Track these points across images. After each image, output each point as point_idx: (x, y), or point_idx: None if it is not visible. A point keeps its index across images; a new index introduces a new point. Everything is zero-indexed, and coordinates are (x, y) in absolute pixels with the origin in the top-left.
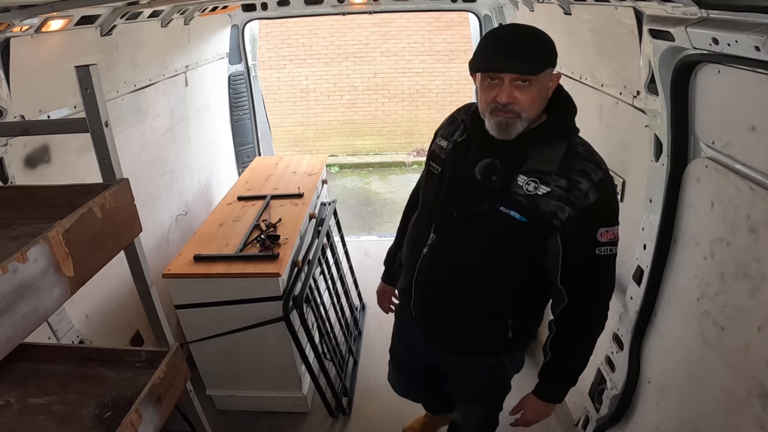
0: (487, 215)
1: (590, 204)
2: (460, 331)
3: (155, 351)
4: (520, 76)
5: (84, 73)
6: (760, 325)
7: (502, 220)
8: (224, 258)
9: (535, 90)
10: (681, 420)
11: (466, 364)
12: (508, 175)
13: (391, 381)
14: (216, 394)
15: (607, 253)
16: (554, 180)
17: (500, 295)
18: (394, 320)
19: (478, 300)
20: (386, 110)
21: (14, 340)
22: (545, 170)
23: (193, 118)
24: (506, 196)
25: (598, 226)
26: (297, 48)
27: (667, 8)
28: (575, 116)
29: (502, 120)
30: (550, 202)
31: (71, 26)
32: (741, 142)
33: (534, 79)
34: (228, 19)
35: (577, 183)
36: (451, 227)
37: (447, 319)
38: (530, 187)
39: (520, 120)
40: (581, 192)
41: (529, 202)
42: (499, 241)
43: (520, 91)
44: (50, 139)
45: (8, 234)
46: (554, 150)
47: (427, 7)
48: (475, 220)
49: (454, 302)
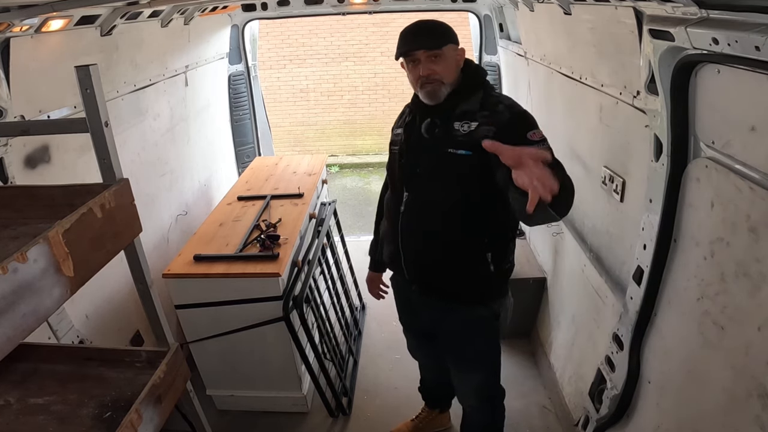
0: (441, 160)
1: (508, 118)
2: (449, 275)
3: (155, 351)
4: (430, 52)
5: (84, 73)
6: (760, 325)
7: (454, 159)
8: (224, 258)
9: (445, 61)
10: (681, 420)
11: (460, 318)
12: (446, 125)
13: (409, 348)
14: (216, 394)
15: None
16: (480, 115)
17: (473, 229)
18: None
19: (457, 240)
20: (386, 110)
21: (14, 340)
22: (471, 110)
23: (193, 118)
24: (450, 140)
25: (523, 131)
26: (297, 48)
27: (667, 8)
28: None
29: (430, 89)
30: (480, 129)
31: (71, 26)
32: (741, 142)
33: (440, 53)
34: (228, 19)
35: (495, 108)
36: (419, 181)
37: (435, 266)
38: (464, 127)
39: (443, 85)
40: (499, 112)
41: (467, 138)
42: (458, 178)
43: (434, 64)
44: (50, 139)
45: (8, 234)
46: (474, 96)
47: (427, 7)
48: (434, 167)
49: (438, 247)
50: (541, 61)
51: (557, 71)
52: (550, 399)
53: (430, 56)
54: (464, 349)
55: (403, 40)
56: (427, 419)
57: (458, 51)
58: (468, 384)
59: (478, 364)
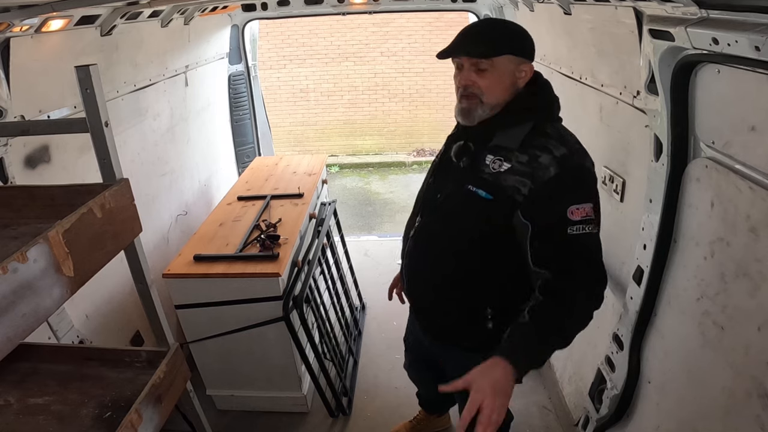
0: (457, 195)
1: (551, 177)
2: (441, 318)
3: (155, 351)
4: (476, 61)
5: (84, 73)
6: (760, 325)
7: (471, 199)
8: (224, 258)
9: (494, 75)
10: (681, 420)
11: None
12: (477, 154)
13: (405, 366)
14: (216, 394)
15: (582, 232)
16: (516, 156)
17: (476, 280)
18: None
19: (455, 284)
20: (386, 110)
21: (14, 340)
22: (508, 147)
23: (193, 118)
24: (474, 176)
25: (566, 202)
26: (297, 48)
27: (667, 8)
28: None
29: (465, 105)
30: (511, 177)
31: (71, 26)
32: (741, 142)
33: (490, 64)
34: (228, 19)
35: (537, 157)
36: (434, 209)
37: (429, 305)
38: (495, 165)
39: (481, 105)
40: (541, 165)
41: (493, 179)
42: (470, 221)
43: (478, 75)
44: (50, 139)
45: (8, 234)
46: (519, 129)
47: (427, 7)
48: (450, 200)
49: (433, 286)
50: (541, 61)
51: (557, 71)
52: (550, 399)
53: (474, 64)
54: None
55: (456, 37)
56: (426, 421)
57: (521, 67)
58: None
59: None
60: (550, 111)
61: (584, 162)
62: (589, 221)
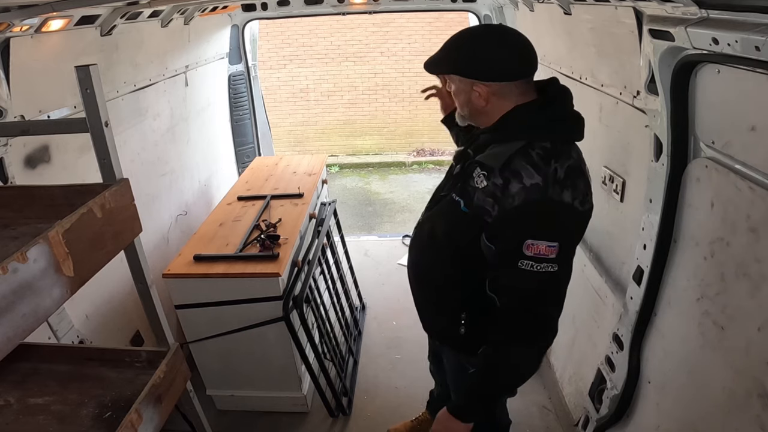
0: (444, 201)
1: (513, 208)
2: (427, 315)
3: (155, 351)
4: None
5: (84, 73)
6: (760, 325)
7: (453, 207)
8: (224, 258)
9: (454, 91)
10: (681, 420)
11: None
12: (470, 164)
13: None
14: (216, 394)
15: (530, 269)
16: (494, 176)
17: (451, 285)
18: None
19: (434, 286)
20: (386, 110)
21: (14, 340)
22: (490, 165)
23: (193, 118)
24: (462, 185)
25: (523, 236)
26: (297, 48)
27: (667, 8)
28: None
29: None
30: (483, 197)
31: (71, 26)
32: (741, 142)
33: (448, 79)
34: (228, 19)
35: (508, 183)
36: (431, 209)
37: (418, 302)
38: (478, 180)
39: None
40: (509, 193)
41: (472, 193)
42: (448, 229)
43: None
44: (50, 139)
45: (8, 234)
46: (507, 147)
47: (427, 7)
48: (441, 202)
49: (417, 287)
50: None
51: (557, 71)
52: (550, 399)
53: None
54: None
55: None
56: (428, 423)
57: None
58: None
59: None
60: (551, 128)
61: (560, 197)
62: (542, 260)
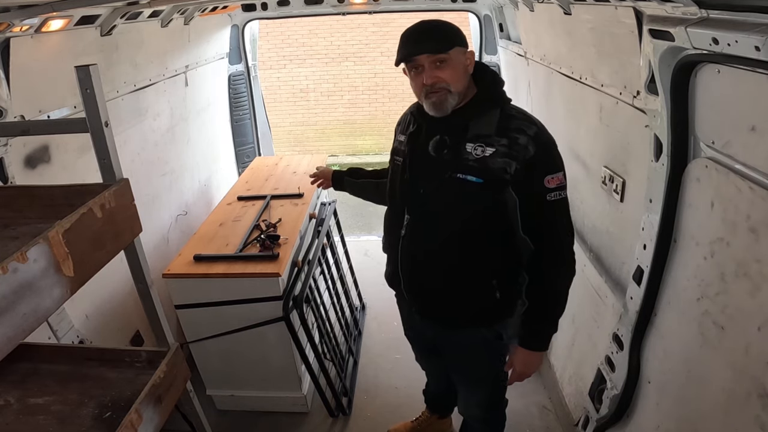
0: (448, 184)
1: (531, 156)
2: (451, 302)
3: (155, 351)
4: (435, 57)
5: (84, 73)
6: (760, 325)
7: (462, 186)
8: (224, 258)
9: (452, 66)
10: (681, 420)
11: (463, 341)
12: (456, 145)
13: (416, 359)
14: (216, 394)
15: (557, 198)
16: (496, 140)
17: (479, 257)
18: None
19: (460, 266)
20: (386, 110)
21: (14, 340)
22: (486, 133)
23: (193, 118)
24: (460, 164)
25: (543, 174)
26: (297, 48)
27: (667, 8)
28: (502, 86)
29: (435, 99)
30: (497, 160)
31: (71, 26)
32: (741, 142)
33: (447, 58)
34: (228, 19)
35: (516, 139)
36: (422, 204)
37: (437, 293)
38: (478, 151)
39: (450, 94)
40: (521, 146)
41: (480, 164)
42: (464, 205)
43: (440, 70)
44: (50, 139)
45: (8, 234)
46: (490, 116)
47: (427, 7)
48: (439, 191)
49: (440, 273)
50: (541, 61)
51: (557, 71)
52: (550, 399)
53: (434, 61)
54: (467, 370)
55: (404, 42)
56: (427, 422)
57: (467, 54)
58: (472, 398)
59: (481, 383)
60: (506, 95)
61: (550, 135)
62: (561, 187)
